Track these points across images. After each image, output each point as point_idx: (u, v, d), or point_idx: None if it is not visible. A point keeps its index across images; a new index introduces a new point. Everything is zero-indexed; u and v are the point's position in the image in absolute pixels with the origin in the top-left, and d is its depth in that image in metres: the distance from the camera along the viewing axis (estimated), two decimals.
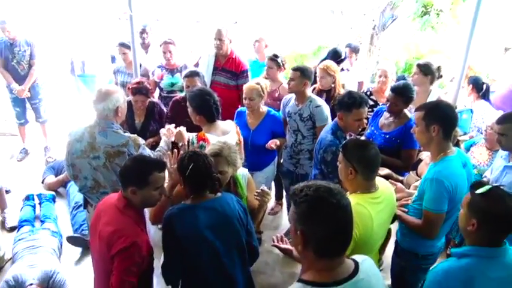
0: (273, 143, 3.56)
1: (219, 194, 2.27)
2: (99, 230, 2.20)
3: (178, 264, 2.17)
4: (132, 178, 2.19)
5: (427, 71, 4.00)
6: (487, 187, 1.79)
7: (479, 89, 4.51)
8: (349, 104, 2.98)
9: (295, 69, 3.63)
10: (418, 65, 4.08)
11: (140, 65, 4.79)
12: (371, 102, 4.18)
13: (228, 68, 4.48)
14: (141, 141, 2.88)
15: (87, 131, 2.79)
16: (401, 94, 3.35)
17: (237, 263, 2.24)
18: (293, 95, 3.78)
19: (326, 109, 3.63)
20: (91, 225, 2.38)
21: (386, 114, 3.53)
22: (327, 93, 4.22)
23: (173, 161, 2.53)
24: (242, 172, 2.81)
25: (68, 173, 3.03)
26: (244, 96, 3.61)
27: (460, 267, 1.80)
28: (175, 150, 2.72)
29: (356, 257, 1.55)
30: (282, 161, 4.08)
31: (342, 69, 5.12)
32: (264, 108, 3.74)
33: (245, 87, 3.64)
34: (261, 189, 2.56)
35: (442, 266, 1.88)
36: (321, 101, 3.67)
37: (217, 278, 2.19)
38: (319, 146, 3.07)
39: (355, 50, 5.42)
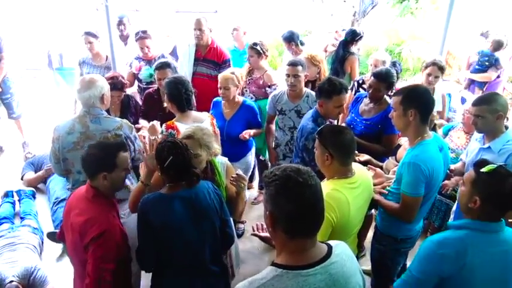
0: (246, 134, 3.52)
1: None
2: (70, 222, 2.20)
3: (152, 250, 2.18)
4: (100, 164, 2.23)
5: (443, 70, 3.96)
6: (492, 166, 1.85)
7: None
8: (329, 90, 2.97)
9: (295, 64, 3.51)
10: (436, 64, 3.93)
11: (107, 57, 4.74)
12: (362, 91, 4.20)
13: (210, 58, 4.44)
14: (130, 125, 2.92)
15: (76, 122, 2.77)
16: (384, 80, 3.36)
17: (209, 252, 2.26)
18: (283, 91, 3.71)
19: None
20: (63, 220, 2.38)
21: (366, 100, 3.54)
22: (312, 84, 4.21)
23: (148, 148, 2.50)
24: (221, 160, 2.79)
25: (56, 171, 2.96)
26: (219, 85, 3.56)
27: (455, 237, 1.87)
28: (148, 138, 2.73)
29: (330, 241, 1.54)
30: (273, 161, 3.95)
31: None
32: (239, 98, 3.69)
33: (220, 76, 3.59)
34: (236, 174, 2.55)
35: (438, 235, 1.94)
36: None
37: (190, 266, 2.22)
38: (301, 134, 3.06)
39: (289, 40, 5.20)
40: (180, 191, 2.19)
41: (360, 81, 4.38)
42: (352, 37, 4.98)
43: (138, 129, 3.75)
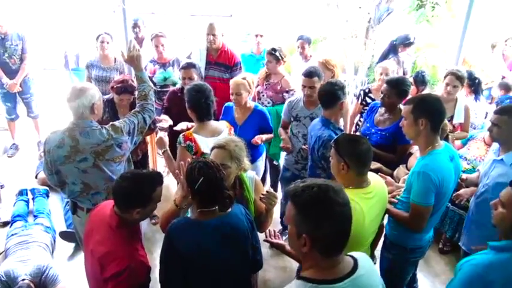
0: (258, 139, 3.51)
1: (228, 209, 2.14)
2: (91, 248, 2.13)
3: (176, 277, 2.06)
4: (137, 201, 2.08)
5: (462, 80, 3.80)
6: None
7: (472, 83, 4.44)
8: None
9: (311, 76, 3.49)
10: (454, 74, 3.78)
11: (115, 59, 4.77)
12: (368, 100, 4.17)
13: (222, 62, 4.48)
14: (117, 123, 2.77)
15: (66, 136, 2.63)
16: (395, 87, 3.33)
17: (237, 279, 2.17)
18: (299, 97, 3.70)
19: None
20: (84, 237, 2.29)
21: (381, 110, 3.51)
22: None
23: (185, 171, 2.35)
24: (249, 175, 2.67)
25: (51, 182, 2.87)
26: (231, 91, 3.56)
27: (502, 261, 1.76)
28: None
29: (353, 253, 1.55)
30: (284, 166, 3.93)
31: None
32: (251, 104, 3.69)
33: (232, 82, 3.60)
34: (267, 191, 2.41)
35: (480, 259, 1.83)
36: None
37: None
38: (318, 144, 3.05)
39: (308, 42, 5.36)
40: (213, 219, 2.05)
41: (367, 90, 4.32)
42: (401, 41, 5.22)
43: (158, 121, 3.74)
